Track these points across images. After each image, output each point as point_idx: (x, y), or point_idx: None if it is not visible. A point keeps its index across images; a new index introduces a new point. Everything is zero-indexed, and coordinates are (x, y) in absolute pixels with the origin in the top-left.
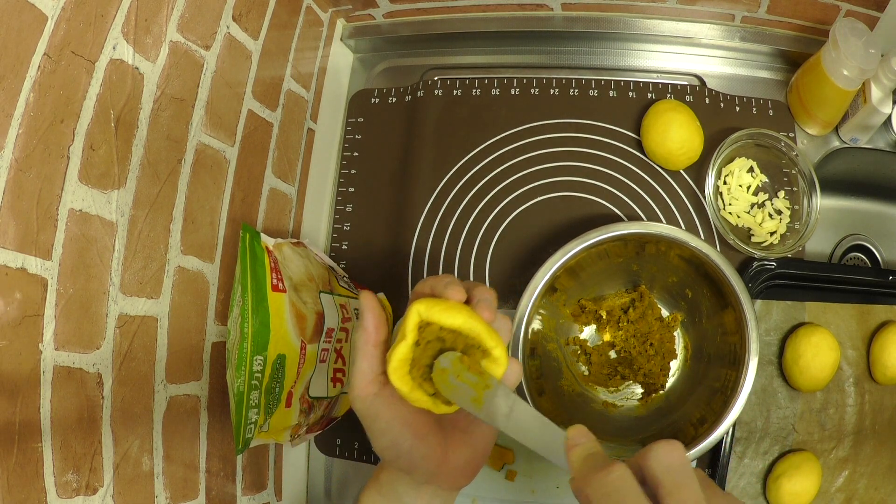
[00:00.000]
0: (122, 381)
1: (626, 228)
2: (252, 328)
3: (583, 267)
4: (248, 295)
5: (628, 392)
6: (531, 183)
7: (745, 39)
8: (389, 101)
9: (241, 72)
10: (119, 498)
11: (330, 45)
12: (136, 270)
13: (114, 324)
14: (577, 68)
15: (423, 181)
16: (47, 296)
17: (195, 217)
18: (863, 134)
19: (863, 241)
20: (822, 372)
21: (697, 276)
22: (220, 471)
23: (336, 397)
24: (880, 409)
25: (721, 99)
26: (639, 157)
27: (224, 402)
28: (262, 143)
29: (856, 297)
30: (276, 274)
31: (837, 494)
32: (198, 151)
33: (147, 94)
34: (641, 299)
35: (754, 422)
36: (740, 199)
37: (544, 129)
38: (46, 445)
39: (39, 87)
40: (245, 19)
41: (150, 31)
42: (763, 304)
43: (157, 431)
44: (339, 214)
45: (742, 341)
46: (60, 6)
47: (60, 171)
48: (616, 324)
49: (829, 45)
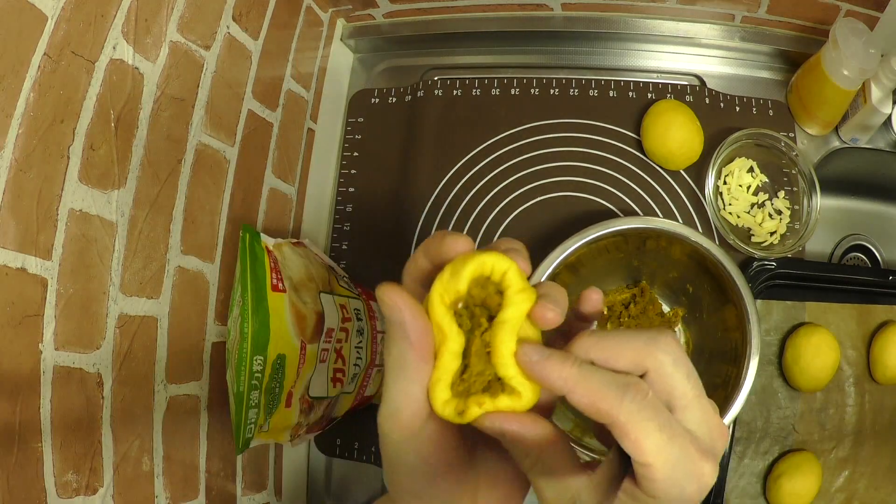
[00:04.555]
0: (122, 381)
1: (627, 224)
2: (252, 328)
3: (583, 263)
4: (248, 295)
5: None
6: (531, 183)
7: (745, 39)
8: (389, 101)
9: (241, 72)
10: (119, 498)
11: (330, 45)
12: (136, 270)
13: (114, 324)
14: (577, 68)
15: (423, 181)
16: (47, 296)
17: (195, 217)
18: (863, 134)
19: (863, 241)
20: (822, 372)
21: (698, 272)
22: (220, 471)
23: (336, 397)
24: (880, 409)
25: (721, 99)
26: (639, 157)
27: (224, 402)
28: (262, 143)
29: (856, 297)
30: (276, 274)
31: (837, 494)
32: (198, 151)
33: (147, 94)
34: (642, 295)
35: (754, 422)
36: (740, 199)
37: (544, 129)
38: (46, 445)
39: (39, 87)
40: (245, 19)
41: (150, 31)
42: (763, 304)
43: (157, 431)
44: (339, 214)
45: (743, 337)
46: (60, 6)
47: (60, 171)
48: (617, 319)
49: (829, 45)
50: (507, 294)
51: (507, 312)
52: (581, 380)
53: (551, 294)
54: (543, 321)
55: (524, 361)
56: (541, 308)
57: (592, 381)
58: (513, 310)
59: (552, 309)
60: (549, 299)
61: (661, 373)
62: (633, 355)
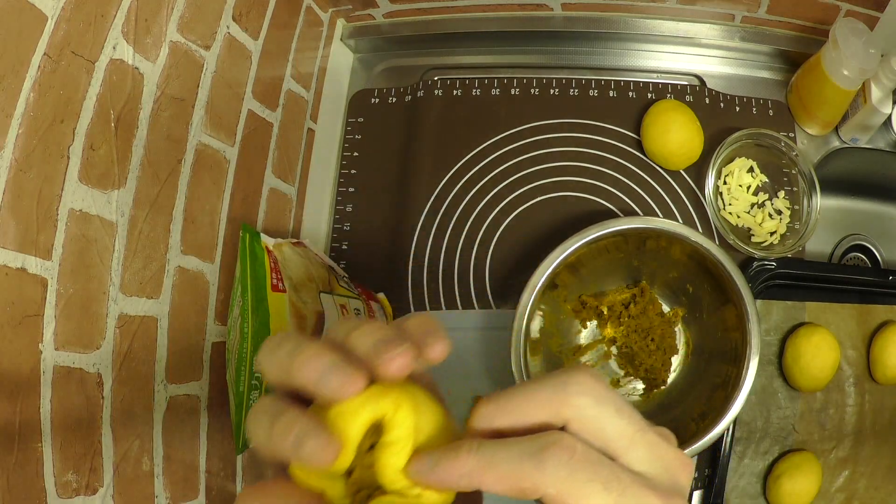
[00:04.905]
0: (122, 381)
1: (627, 224)
2: (252, 328)
3: (583, 263)
4: (248, 295)
5: (630, 388)
6: (531, 183)
7: (745, 39)
8: (389, 101)
9: (241, 72)
10: (119, 498)
11: (330, 45)
12: (136, 270)
13: (114, 324)
14: (577, 68)
15: (424, 181)
16: (47, 296)
17: (195, 217)
18: (863, 134)
19: (863, 241)
20: (822, 372)
21: (698, 272)
22: (220, 471)
23: None
24: (880, 409)
25: (721, 99)
26: (639, 157)
27: (224, 402)
28: (262, 143)
29: (856, 297)
30: (276, 274)
31: (837, 494)
32: (198, 151)
33: (147, 94)
34: (642, 295)
35: (754, 422)
36: (740, 199)
37: (544, 129)
38: (46, 445)
39: (39, 87)
40: (245, 19)
41: (150, 31)
42: (763, 304)
43: (157, 431)
44: (339, 214)
45: (743, 337)
46: (60, 6)
47: (60, 171)
48: (617, 319)
49: (829, 45)
50: (386, 420)
51: (392, 435)
52: (486, 465)
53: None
54: (398, 372)
55: (416, 479)
56: (384, 365)
57: (500, 462)
58: (397, 431)
59: (395, 354)
60: (384, 348)
61: (585, 418)
62: (544, 411)
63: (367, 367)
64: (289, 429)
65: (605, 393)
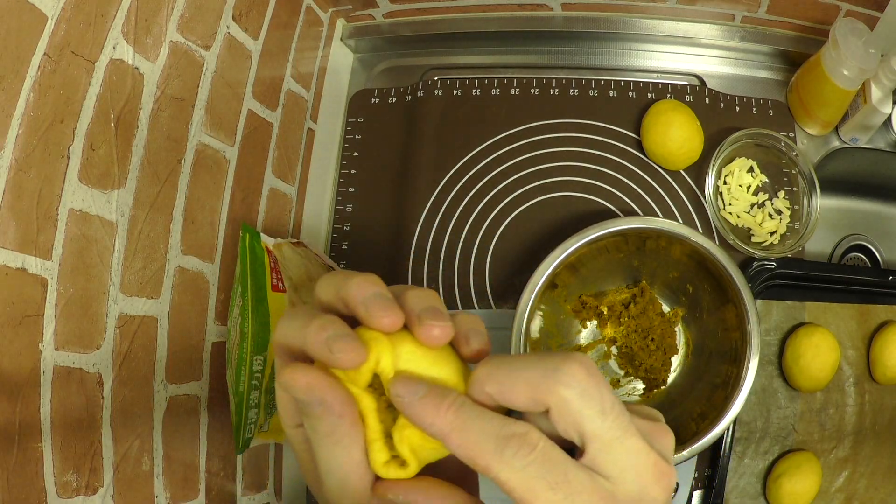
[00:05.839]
0: (122, 381)
1: (627, 224)
2: (252, 328)
3: (583, 263)
4: (248, 295)
5: (630, 388)
6: (531, 183)
7: (745, 39)
8: (389, 101)
9: (241, 72)
10: (119, 498)
11: (330, 45)
12: (136, 270)
13: (114, 324)
14: (577, 68)
15: (424, 181)
16: (47, 296)
17: (195, 217)
18: (863, 134)
19: (863, 241)
20: (822, 372)
21: (698, 272)
22: (220, 471)
23: None
24: (880, 409)
25: (721, 99)
26: (639, 157)
27: (224, 402)
28: (262, 143)
29: (856, 297)
30: (276, 274)
31: (837, 494)
32: (198, 151)
33: (147, 94)
34: (642, 295)
35: (754, 422)
36: (740, 199)
37: (544, 129)
38: (46, 445)
39: (39, 87)
40: (245, 19)
41: (150, 31)
42: (763, 304)
43: (157, 431)
44: (339, 214)
45: (743, 337)
46: (60, 6)
47: (60, 171)
48: (617, 319)
49: (829, 45)
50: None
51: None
52: (457, 427)
53: (434, 308)
54: (430, 340)
55: (396, 401)
56: (425, 329)
57: (470, 431)
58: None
59: (438, 325)
60: (431, 315)
61: (566, 410)
62: (529, 390)
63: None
64: (325, 327)
65: (593, 389)
